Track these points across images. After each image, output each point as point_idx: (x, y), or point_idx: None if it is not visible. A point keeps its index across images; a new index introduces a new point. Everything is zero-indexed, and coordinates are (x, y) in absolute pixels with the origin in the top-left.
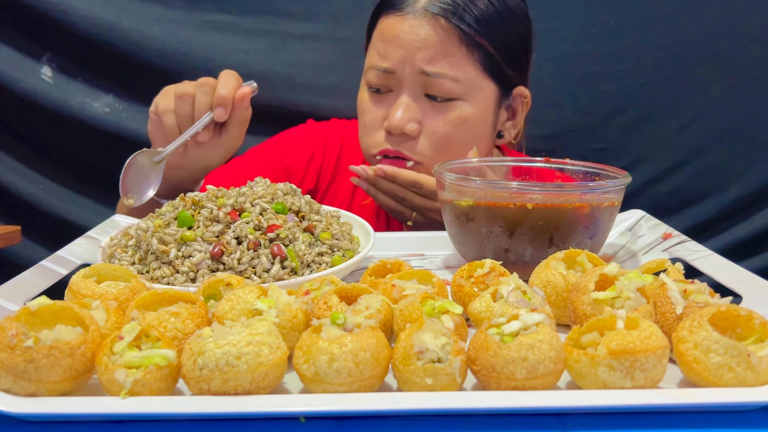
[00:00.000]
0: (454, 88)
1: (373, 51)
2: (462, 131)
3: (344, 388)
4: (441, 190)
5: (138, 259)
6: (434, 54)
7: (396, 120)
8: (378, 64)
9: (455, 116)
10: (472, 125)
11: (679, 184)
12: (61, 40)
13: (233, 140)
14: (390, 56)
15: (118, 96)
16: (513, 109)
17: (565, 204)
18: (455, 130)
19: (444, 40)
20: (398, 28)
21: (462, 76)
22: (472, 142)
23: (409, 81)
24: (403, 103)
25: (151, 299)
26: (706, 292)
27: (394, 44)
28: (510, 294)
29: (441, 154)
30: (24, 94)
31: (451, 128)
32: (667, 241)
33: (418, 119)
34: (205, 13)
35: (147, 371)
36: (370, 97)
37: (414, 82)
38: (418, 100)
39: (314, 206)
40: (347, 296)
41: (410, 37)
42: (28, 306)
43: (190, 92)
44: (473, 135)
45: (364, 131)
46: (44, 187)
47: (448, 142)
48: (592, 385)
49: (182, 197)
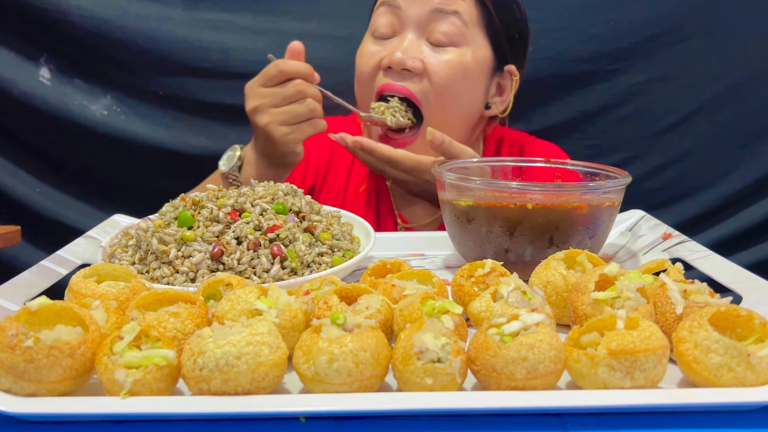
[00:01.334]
0: (459, 31)
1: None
2: (460, 77)
3: (344, 388)
4: (441, 190)
5: (138, 259)
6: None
7: (398, 55)
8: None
9: (455, 60)
10: (469, 74)
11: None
12: (58, 42)
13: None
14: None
15: (116, 98)
16: (502, 86)
17: (565, 204)
18: (454, 74)
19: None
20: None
21: (469, 20)
22: (467, 91)
23: (416, 19)
24: (406, 39)
25: (151, 299)
26: (706, 292)
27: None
28: (510, 294)
29: (441, 100)
30: (22, 96)
31: (450, 71)
32: (667, 241)
33: (421, 58)
34: (204, 12)
35: (147, 371)
36: (371, 42)
37: (420, 20)
38: (421, 42)
39: (315, 206)
40: (347, 296)
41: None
42: (28, 306)
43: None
44: (469, 84)
45: (362, 76)
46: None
47: (447, 86)
48: (592, 385)
49: (182, 197)
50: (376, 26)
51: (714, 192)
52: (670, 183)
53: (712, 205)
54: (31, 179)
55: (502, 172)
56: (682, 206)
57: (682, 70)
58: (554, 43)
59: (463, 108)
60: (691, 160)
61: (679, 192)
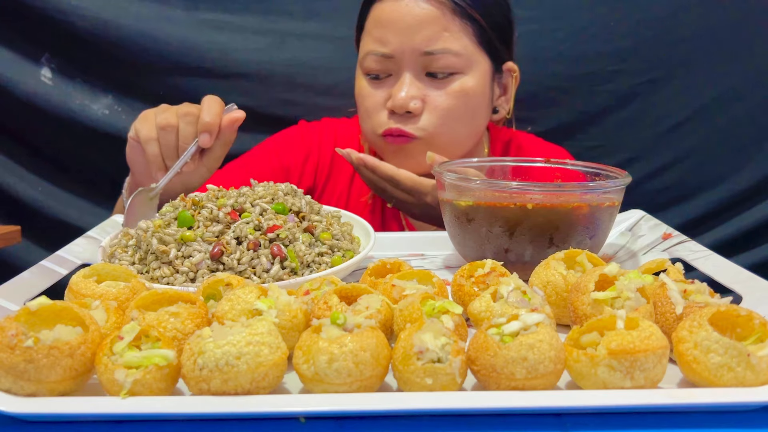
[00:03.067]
0: (455, 62)
1: (369, 38)
2: (462, 103)
3: (344, 388)
4: (441, 190)
5: (138, 259)
6: (433, 32)
7: (400, 99)
8: (377, 49)
9: (456, 89)
10: (472, 97)
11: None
12: (60, 41)
13: (215, 161)
14: (389, 41)
15: (118, 97)
16: (504, 85)
17: (565, 204)
18: (457, 102)
19: (440, 16)
20: (394, 12)
21: (461, 50)
22: (471, 115)
23: (409, 62)
24: (405, 83)
25: (151, 299)
26: (706, 292)
27: (392, 29)
28: (510, 294)
29: (442, 128)
30: (23, 95)
31: (453, 101)
32: (667, 241)
33: (421, 97)
34: (204, 13)
35: (147, 371)
36: (369, 83)
37: (415, 62)
38: (420, 79)
39: (315, 206)
40: (347, 296)
41: (407, 19)
42: (28, 306)
43: (173, 123)
44: (472, 107)
45: (366, 116)
46: (42, 189)
47: (449, 116)
48: (592, 385)
49: (182, 197)
50: (368, 68)
51: (716, 193)
52: (672, 184)
53: (713, 207)
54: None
55: (503, 172)
56: (683, 208)
57: (684, 71)
58: (555, 43)
59: (467, 128)
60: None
61: (681, 193)
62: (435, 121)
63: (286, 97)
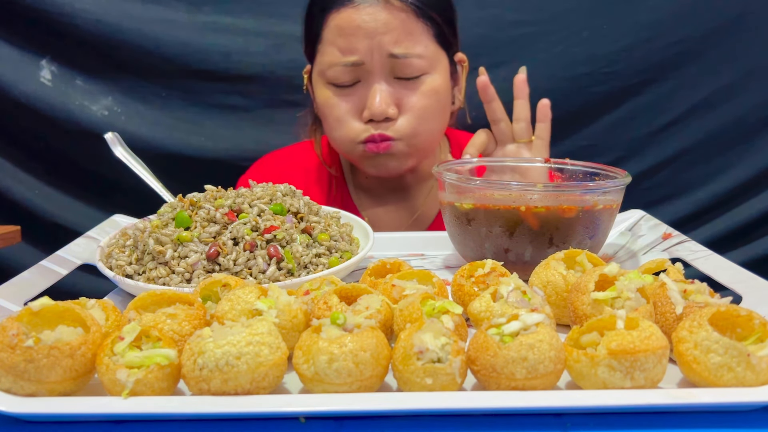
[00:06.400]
0: (421, 64)
1: (332, 48)
2: (435, 101)
3: (344, 388)
4: (441, 190)
5: (135, 259)
6: (398, 35)
7: (377, 107)
8: (343, 59)
9: (427, 89)
10: (441, 94)
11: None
12: (60, 42)
13: None
14: (356, 48)
15: (117, 99)
16: (456, 76)
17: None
18: (430, 101)
19: (403, 20)
20: (357, 18)
21: (425, 51)
22: (441, 110)
23: (379, 67)
24: (379, 90)
25: (149, 300)
26: (706, 292)
27: (357, 35)
28: (510, 294)
29: (420, 128)
30: (22, 97)
31: (426, 100)
32: (667, 241)
33: (396, 101)
34: (205, 15)
35: (149, 371)
36: (335, 93)
37: (384, 67)
38: (391, 83)
39: (313, 207)
40: (347, 296)
41: (372, 24)
42: (30, 306)
43: None
44: (443, 103)
45: (338, 125)
46: (41, 191)
47: (425, 115)
48: (592, 385)
49: (180, 197)
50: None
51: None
52: (664, 182)
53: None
54: (31, 180)
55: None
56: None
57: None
58: (549, 45)
59: (440, 124)
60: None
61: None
62: (413, 122)
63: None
